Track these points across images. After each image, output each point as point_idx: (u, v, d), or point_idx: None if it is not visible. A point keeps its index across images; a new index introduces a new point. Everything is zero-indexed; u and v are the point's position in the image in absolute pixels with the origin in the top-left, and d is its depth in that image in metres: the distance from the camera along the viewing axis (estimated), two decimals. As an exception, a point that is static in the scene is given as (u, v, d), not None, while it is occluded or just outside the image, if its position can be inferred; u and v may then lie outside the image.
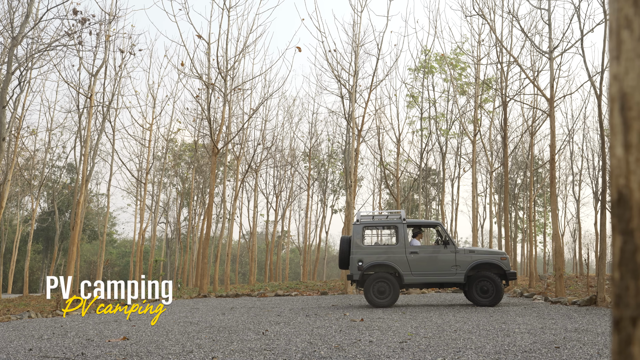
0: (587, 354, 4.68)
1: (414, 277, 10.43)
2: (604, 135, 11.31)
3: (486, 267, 10.44)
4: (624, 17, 0.81)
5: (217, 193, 31.25)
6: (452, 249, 10.49)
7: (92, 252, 46.03)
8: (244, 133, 22.29)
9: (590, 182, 24.31)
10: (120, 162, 22.62)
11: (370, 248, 10.69)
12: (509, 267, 10.40)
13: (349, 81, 18.52)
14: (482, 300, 10.20)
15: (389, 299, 10.31)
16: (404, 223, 10.69)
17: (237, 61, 18.24)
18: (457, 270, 10.38)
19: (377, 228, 11.27)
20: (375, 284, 10.38)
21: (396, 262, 10.46)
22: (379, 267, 10.51)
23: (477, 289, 10.25)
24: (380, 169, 26.08)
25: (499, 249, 21.01)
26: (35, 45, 12.96)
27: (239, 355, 4.86)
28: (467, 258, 10.42)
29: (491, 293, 10.22)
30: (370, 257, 10.52)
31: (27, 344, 6.01)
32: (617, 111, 0.81)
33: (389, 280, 10.35)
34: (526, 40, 15.01)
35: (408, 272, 10.42)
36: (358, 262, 10.47)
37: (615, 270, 0.80)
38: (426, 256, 10.54)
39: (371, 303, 10.37)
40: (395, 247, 10.61)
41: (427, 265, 10.46)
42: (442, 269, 10.43)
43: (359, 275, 10.45)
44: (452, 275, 10.39)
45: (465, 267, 10.37)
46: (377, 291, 10.37)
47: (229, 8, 17.65)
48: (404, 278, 10.40)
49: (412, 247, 10.63)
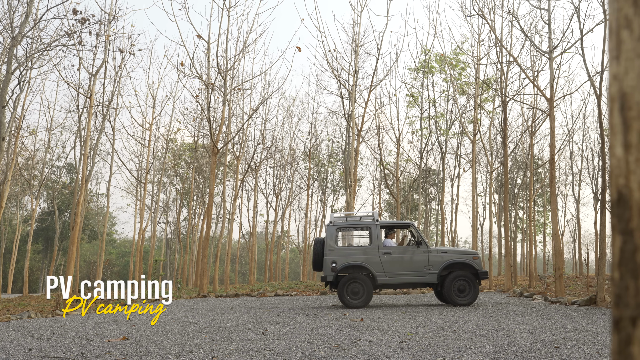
0: (586, 353, 4.69)
1: (388, 278, 10.47)
2: (604, 135, 11.31)
3: (459, 267, 10.47)
4: (624, 17, 0.81)
5: (217, 193, 31.25)
6: (425, 249, 10.51)
7: (91, 252, 46.03)
8: (244, 133, 22.29)
9: (590, 182, 24.33)
10: (120, 162, 22.65)
11: (343, 249, 10.71)
12: (480, 267, 10.45)
13: (348, 81, 18.53)
14: (460, 299, 10.25)
15: (363, 299, 10.38)
16: (376, 224, 10.70)
17: (237, 61, 18.25)
18: (429, 271, 10.42)
19: (350, 229, 11.26)
20: (349, 285, 10.43)
21: (369, 263, 10.49)
22: (352, 269, 10.54)
23: (454, 289, 10.29)
24: (380, 169, 26.09)
25: (499, 248, 21.01)
26: (35, 45, 12.96)
27: (238, 355, 4.86)
28: (440, 258, 10.45)
29: (468, 292, 10.28)
30: (343, 259, 10.54)
31: (26, 343, 6.01)
32: (617, 111, 0.81)
33: (362, 281, 10.41)
34: (526, 40, 15.01)
35: (381, 273, 10.46)
36: (331, 264, 10.49)
37: (615, 270, 0.80)
38: (399, 257, 10.56)
39: (345, 304, 10.42)
40: (369, 248, 10.63)
41: (400, 266, 10.49)
42: (415, 269, 10.46)
43: (333, 276, 10.50)
44: (425, 276, 10.43)
45: (438, 267, 10.41)
46: (351, 292, 10.42)
47: (228, 8, 17.65)
48: (377, 279, 10.44)
49: (385, 247, 10.65)
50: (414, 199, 32.36)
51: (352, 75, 18.34)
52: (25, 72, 12.65)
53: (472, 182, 18.55)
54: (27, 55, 12.14)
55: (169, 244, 37.58)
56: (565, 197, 29.08)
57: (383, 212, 35.66)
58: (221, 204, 29.69)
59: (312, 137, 27.69)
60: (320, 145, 29.56)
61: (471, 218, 20.79)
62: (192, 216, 29.55)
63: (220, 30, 17.64)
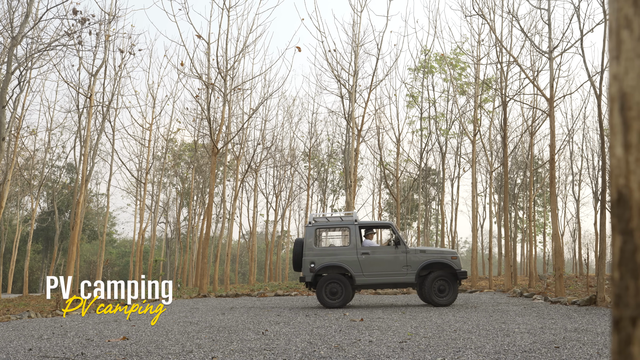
0: (586, 353, 4.69)
1: (366, 278, 10.49)
2: (604, 135, 11.31)
3: (438, 267, 10.44)
4: (624, 17, 0.81)
5: (216, 193, 31.25)
6: (403, 249, 10.49)
7: (91, 252, 46.02)
8: (244, 133, 22.29)
9: (590, 182, 24.32)
10: (120, 162, 22.64)
11: (322, 250, 10.75)
12: (459, 266, 10.40)
13: (348, 81, 18.53)
14: (439, 300, 10.22)
15: (341, 299, 10.44)
16: (355, 224, 10.74)
17: (237, 61, 18.25)
18: (408, 271, 10.41)
19: (329, 230, 11.29)
20: (327, 285, 10.50)
21: (347, 263, 10.52)
22: (330, 269, 10.58)
23: (434, 289, 10.27)
24: (380, 169, 26.09)
25: (499, 248, 21.00)
26: (35, 45, 12.95)
27: (238, 355, 4.86)
28: (418, 258, 10.43)
29: (448, 292, 10.26)
30: (322, 259, 10.60)
31: (26, 343, 6.01)
32: (616, 111, 0.81)
33: (340, 281, 10.46)
34: (526, 40, 15.01)
35: (359, 273, 10.49)
36: (310, 264, 10.56)
37: (615, 270, 0.80)
38: (377, 257, 10.56)
39: (323, 304, 10.49)
40: (347, 249, 10.66)
41: (378, 266, 10.50)
42: (393, 270, 10.46)
43: (311, 277, 10.55)
44: (403, 276, 10.42)
45: (416, 267, 10.39)
46: (330, 292, 10.49)
47: (228, 8, 17.65)
48: (355, 279, 10.47)
49: (363, 248, 10.66)
50: (414, 199, 32.35)
51: (352, 75, 18.34)
52: (25, 72, 12.65)
53: (472, 182, 18.55)
54: (27, 55, 12.13)
55: (169, 244, 37.58)
56: (565, 197, 29.09)
57: (383, 212, 35.66)
58: (221, 204, 29.70)
59: (312, 137, 27.70)
60: (320, 145, 29.58)
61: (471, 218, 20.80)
62: (192, 216, 29.55)
63: (220, 30, 17.64)
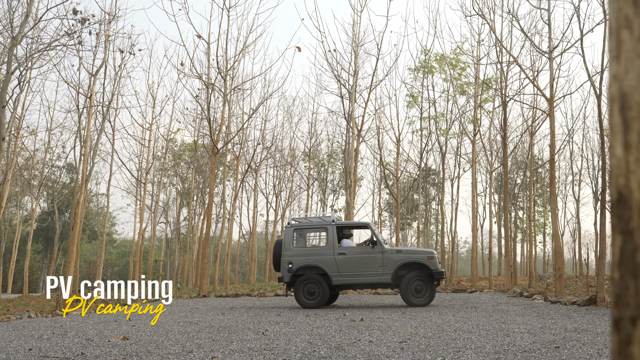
0: (586, 353, 4.69)
1: (342, 278, 10.54)
2: (604, 135, 11.31)
3: (415, 267, 10.40)
4: (624, 17, 0.81)
5: (216, 193, 31.24)
6: (379, 249, 10.48)
7: (91, 252, 46.02)
8: (244, 133, 22.29)
9: (590, 182, 24.33)
10: (120, 162, 22.64)
11: (300, 250, 10.83)
12: (436, 266, 10.31)
13: (348, 81, 18.53)
14: (416, 300, 10.19)
15: (318, 300, 10.50)
16: (333, 225, 10.79)
17: (237, 61, 18.25)
18: (384, 271, 10.40)
19: (307, 230, 11.36)
20: (305, 286, 10.58)
21: (324, 264, 10.58)
22: (308, 269, 10.65)
23: (410, 289, 10.24)
24: (380, 169, 26.09)
25: (499, 248, 21.00)
26: (35, 45, 12.95)
27: (238, 355, 4.86)
28: (394, 258, 10.41)
29: (424, 292, 10.22)
30: (299, 259, 10.68)
31: (26, 343, 6.01)
32: (616, 111, 0.81)
33: (318, 281, 10.53)
34: (526, 40, 15.01)
35: (336, 273, 10.53)
36: (288, 264, 10.66)
37: (615, 270, 0.80)
38: (354, 257, 10.59)
39: (301, 304, 10.57)
40: (324, 249, 10.74)
41: (355, 266, 10.53)
42: (369, 270, 10.48)
43: (289, 277, 10.65)
44: (380, 276, 10.42)
45: (392, 267, 10.37)
46: (307, 292, 10.57)
47: (228, 8, 17.65)
48: (332, 279, 10.52)
49: (340, 248, 10.70)
50: (414, 199, 32.35)
51: (352, 75, 18.34)
52: (25, 72, 12.65)
53: (472, 182, 18.55)
54: (27, 55, 12.13)
55: (169, 244, 37.58)
56: (565, 197, 29.08)
57: (383, 212, 35.66)
58: (221, 204, 29.70)
59: (312, 137, 27.69)
60: (320, 145, 29.57)
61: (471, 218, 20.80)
62: (192, 216, 29.55)
63: (220, 30, 17.64)
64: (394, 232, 34.76)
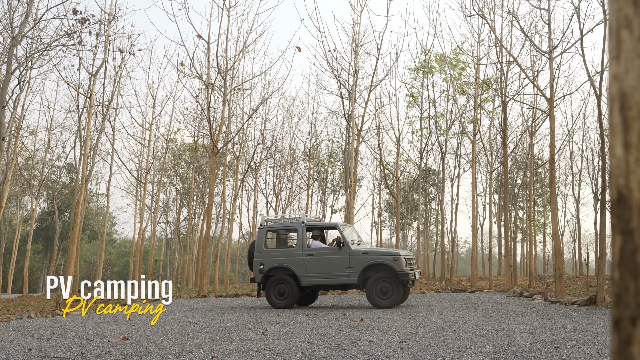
0: (586, 353, 4.69)
1: (311, 279, 10.60)
2: (604, 135, 11.31)
3: (381, 268, 10.33)
4: (624, 17, 0.81)
5: (216, 193, 31.23)
6: (346, 250, 10.48)
7: (91, 252, 46.01)
8: (244, 133, 22.29)
9: (590, 182, 24.33)
10: (120, 162, 22.63)
11: (271, 251, 10.96)
12: (401, 268, 10.15)
13: (348, 81, 18.53)
14: (382, 302, 10.13)
15: (288, 300, 10.61)
16: (303, 226, 10.86)
17: (237, 61, 18.24)
18: (350, 272, 10.41)
19: (279, 231, 11.46)
20: (276, 286, 10.69)
21: (294, 264, 10.67)
22: (278, 270, 10.77)
23: (376, 291, 10.20)
24: (380, 169, 26.09)
25: (499, 248, 21.00)
26: (35, 45, 12.95)
27: (238, 355, 4.86)
28: (360, 259, 10.40)
29: (391, 294, 10.14)
30: (270, 260, 10.80)
31: (26, 343, 6.01)
32: (616, 111, 0.81)
33: (288, 282, 10.62)
34: (526, 40, 15.01)
35: (305, 274, 10.60)
36: (259, 265, 10.80)
37: (615, 270, 0.80)
38: (322, 258, 10.62)
39: (272, 304, 10.69)
40: (294, 250, 10.83)
41: (323, 267, 10.57)
42: (336, 271, 10.51)
43: (260, 277, 10.80)
44: (346, 277, 10.43)
45: (359, 268, 10.35)
46: (278, 293, 10.69)
47: (228, 8, 17.65)
48: (300, 280, 10.59)
49: (309, 249, 10.76)
50: (414, 199, 32.35)
51: (352, 75, 18.34)
52: (25, 72, 12.65)
53: (472, 182, 18.55)
54: (27, 55, 12.13)
55: (169, 244, 37.57)
56: (565, 197, 29.08)
57: (383, 212, 35.64)
58: (221, 204, 29.70)
59: (312, 137, 27.68)
60: (320, 145, 29.56)
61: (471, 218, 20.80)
62: (192, 216, 29.55)
63: (220, 30, 17.64)
64: (394, 232, 34.77)
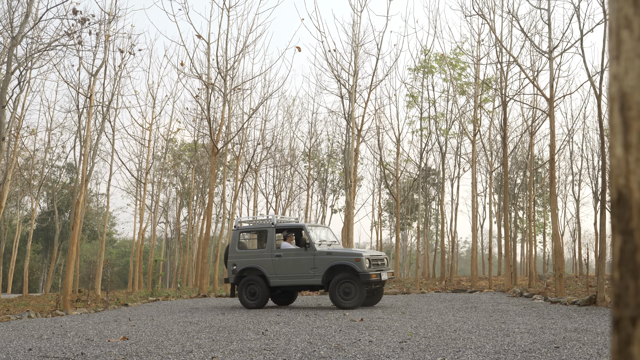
0: (586, 353, 4.69)
1: (279, 280, 10.73)
2: (604, 135, 11.31)
3: (345, 269, 10.33)
4: (624, 17, 0.81)
5: (216, 193, 31.24)
6: (311, 251, 10.52)
7: (91, 252, 46.02)
8: (244, 133, 22.29)
9: (590, 182, 24.32)
10: (120, 162, 22.60)
11: (243, 252, 11.11)
12: (362, 269, 10.07)
13: (348, 81, 18.53)
14: (344, 302, 10.14)
15: (258, 300, 10.79)
16: (272, 227, 10.99)
17: (237, 61, 18.24)
18: (315, 272, 10.47)
19: (251, 233, 11.63)
20: (247, 287, 10.91)
21: (263, 265, 10.83)
22: (250, 271, 10.97)
23: (339, 291, 10.22)
24: (380, 169, 26.08)
25: (499, 248, 20.99)
26: (35, 45, 12.95)
27: (238, 355, 4.86)
28: (324, 260, 10.44)
29: (354, 295, 10.14)
30: (242, 261, 10.99)
31: (26, 343, 6.01)
32: (616, 111, 0.81)
33: (258, 282, 10.79)
34: (526, 40, 15.01)
35: (273, 275, 10.74)
36: (233, 266, 11.04)
37: (615, 270, 0.80)
38: (288, 259, 10.72)
39: (243, 304, 10.89)
40: (264, 251, 10.97)
41: (289, 268, 10.68)
42: (302, 271, 10.60)
43: (233, 278, 11.01)
44: (311, 278, 10.50)
45: (323, 269, 10.40)
46: (249, 293, 10.89)
47: (228, 8, 17.64)
48: (269, 280, 10.73)
49: (278, 250, 10.87)
50: (414, 199, 32.35)
51: (352, 75, 18.34)
52: (25, 72, 12.64)
53: (472, 182, 18.55)
54: (27, 55, 12.13)
55: (169, 244, 37.57)
56: (565, 197, 29.08)
57: (383, 212, 35.65)
58: (221, 204, 29.70)
59: (312, 137, 27.68)
60: (320, 145, 29.56)
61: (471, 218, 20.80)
62: (192, 216, 29.55)
63: (220, 30, 17.63)
64: (394, 232, 34.78)
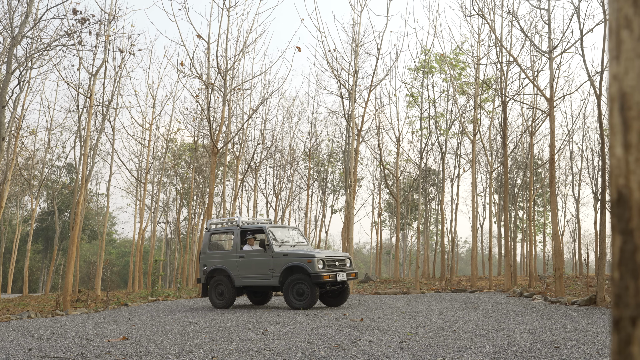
0: (586, 353, 4.69)
1: (242, 280, 10.93)
2: (604, 135, 11.31)
3: (299, 270, 10.35)
4: (624, 17, 0.81)
5: (216, 193, 31.23)
6: (270, 252, 10.62)
7: (91, 252, 46.01)
8: (244, 133, 22.29)
9: (590, 182, 24.32)
10: (120, 162, 22.59)
11: (213, 253, 11.37)
12: (314, 269, 10.09)
13: (348, 81, 18.53)
14: (297, 303, 10.22)
15: (225, 300, 11.03)
16: (238, 229, 11.18)
17: (237, 61, 18.24)
18: (273, 273, 10.58)
19: (220, 234, 11.84)
20: (216, 287, 11.18)
21: (229, 266, 11.07)
22: (218, 272, 11.22)
23: (292, 292, 10.30)
24: (380, 169, 26.08)
25: (499, 248, 20.99)
26: (35, 45, 12.94)
27: (238, 355, 4.86)
28: (280, 261, 10.55)
29: (306, 295, 10.21)
30: (212, 262, 11.27)
31: (26, 343, 6.01)
32: (616, 111, 0.81)
33: (225, 283, 11.04)
34: (526, 40, 15.00)
35: (237, 275, 10.95)
36: (203, 267, 11.36)
37: (615, 270, 0.80)
38: (250, 260, 10.90)
39: (212, 304, 11.18)
40: (230, 252, 11.20)
41: (251, 269, 10.85)
42: (261, 272, 10.74)
43: (204, 278, 11.29)
44: (269, 278, 10.62)
45: (279, 270, 10.50)
46: (217, 293, 11.16)
47: (228, 8, 17.64)
48: (234, 281, 10.95)
49: (241, 251, 11.04)
50: (413, 199, 32.35)
51: (352, 75, 18.34)
52: (25, 72, 12.64)
53: (472, 182, 18.54)
54: (27, 55, 12.13)
55: (169, 244, 37.57)
56: (565, 197, 29.07)
57: (383, 212, 35.65)
58: (221, 204, 29.68)
59: (312, 137, 27.69)
60: (320, 145, 29.57)
61: (471, 218, 20.80)
62: (192, 216, 29.55)
63: (220, 30, 17.63)
64: (394, 232, 34.78)
